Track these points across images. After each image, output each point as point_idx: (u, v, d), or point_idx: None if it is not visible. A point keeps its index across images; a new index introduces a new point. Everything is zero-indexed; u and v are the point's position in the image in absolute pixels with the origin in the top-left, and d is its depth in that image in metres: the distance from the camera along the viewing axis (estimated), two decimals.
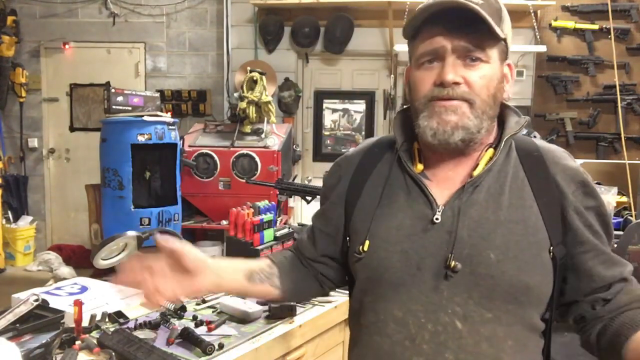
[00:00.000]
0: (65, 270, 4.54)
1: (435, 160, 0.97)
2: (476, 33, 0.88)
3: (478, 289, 0.88)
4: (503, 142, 0.94)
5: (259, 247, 2.08)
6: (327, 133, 5.14)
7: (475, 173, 0.93)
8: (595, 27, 4.54)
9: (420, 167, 0.98)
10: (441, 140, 0.91)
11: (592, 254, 0.94)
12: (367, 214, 0.98)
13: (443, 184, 0.95)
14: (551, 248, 0.90)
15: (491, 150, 0.96)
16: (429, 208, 0.93)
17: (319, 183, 2.81)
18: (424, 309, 0.90)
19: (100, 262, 1.80)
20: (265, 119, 4.10)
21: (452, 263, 0.88)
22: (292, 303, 1.61)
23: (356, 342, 1.02)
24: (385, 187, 0.98)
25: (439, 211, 0.92)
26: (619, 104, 4.08)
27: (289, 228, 2.29)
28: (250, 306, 1.61)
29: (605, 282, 0.94)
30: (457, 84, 0.89)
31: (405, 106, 1.04)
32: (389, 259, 0.93)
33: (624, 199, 3.25)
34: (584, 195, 0.94)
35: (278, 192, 2.86)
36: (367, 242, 0.96)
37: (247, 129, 4.09)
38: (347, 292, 1.10)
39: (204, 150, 3.99)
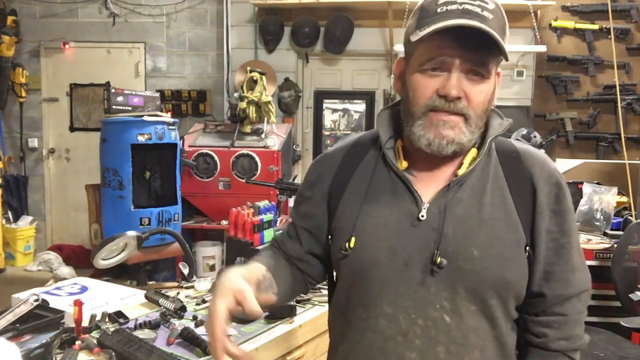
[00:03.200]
0: (65, 270, 4.54)
1: (420, 158, 0.97)
2: (485, 51, 0.88)
3: (463, 284, 0.91)
4: (487, 143, 0.96)
5: (259, 247, 2.08)
6: (327, 133, 5.14)
7: (460, 172, 0.95)
8: (595, 27, 4.54)
9: (404, 164, 0.98)
10: (434, 151, 0.92)
11: (538, 259, 0.95)
12: (353, 210, 0.99)
13: (428, 181, 0.97)
14: (527, 247, 0.94)
15: (474, 150, 0.97)
16: (414, 205, 0.95)
17: None
18: (413, 305, 0.92)
19: (100, 262, 1.80)
20: (265, 119, 4.10)
21: (438, 259, 0.90)
22: (291, 303, 1.62)
23: (344, 337, 1.02)
24: (371, 184, 0.99)
25: (424, 208, 0.94)
26: (619, 104, 4.08)
27: None
28: None
29: (533, 294, 0.97)
30: (459, 98, 0.90)
31: (390, 103, 1.05)
32: (377, 255, 0.94)
33: (624, 199, 3.25)
34: (555, 198, 0.96)
35: (278, 192, 2.86)
36: (353, 239, 0.96)
37: (247, 129, 4.09)
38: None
39: (204, 150, 3.99)
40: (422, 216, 0.93)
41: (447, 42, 0.88)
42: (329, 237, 1.04)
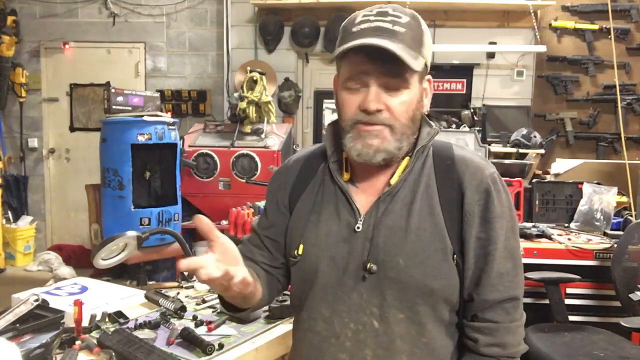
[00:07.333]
0: (65, 270, 4.54)
1: (359, 168, 1.04)
2: (397, 64, 0.92)
3: (390, 292, 0.97)
4: (415, 154, 1.01)
5: None
6: None
7: (392, 182, 1.01)
8: (595, 27, 4.54)
9: (346, 176, 1.06)
10: (365, 160, 0.98)
11: (468, 265, 0.98)
12: (301, 220, 1.07)
13: (367, 190, 1.04)
14: (454, 256, 0.98)
15: (407, 159, 1.02)
16: (352, 217, 1.02)
17: None
18: (347, 309, 0.99)
19: (100, 262, 1.80)
20: (265, 119, 4.10)
21: (368, 265, 0.97)
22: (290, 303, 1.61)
23: (294, 336, 1.10)
24: (317, 195, 1.08)
25: (360, 220, 1.00)
26: (619, 104, 4.07)
27: None
28: None
29: (465, 299, 1.00)
30: (379, 111, 0.95)
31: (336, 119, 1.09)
32: (319, 263, 1.02)
33: (624, 199, 3.24)
34: (484, 206, 0.98)
35: None
36: (301, 247, 1.05)
37: (247, 129, 4.09)
38: None
39: (204, 150, 3.99)
40: (358, 227, 1.00)
41: (361, 60, 0.94)
42: (285, 243, 1.11)
